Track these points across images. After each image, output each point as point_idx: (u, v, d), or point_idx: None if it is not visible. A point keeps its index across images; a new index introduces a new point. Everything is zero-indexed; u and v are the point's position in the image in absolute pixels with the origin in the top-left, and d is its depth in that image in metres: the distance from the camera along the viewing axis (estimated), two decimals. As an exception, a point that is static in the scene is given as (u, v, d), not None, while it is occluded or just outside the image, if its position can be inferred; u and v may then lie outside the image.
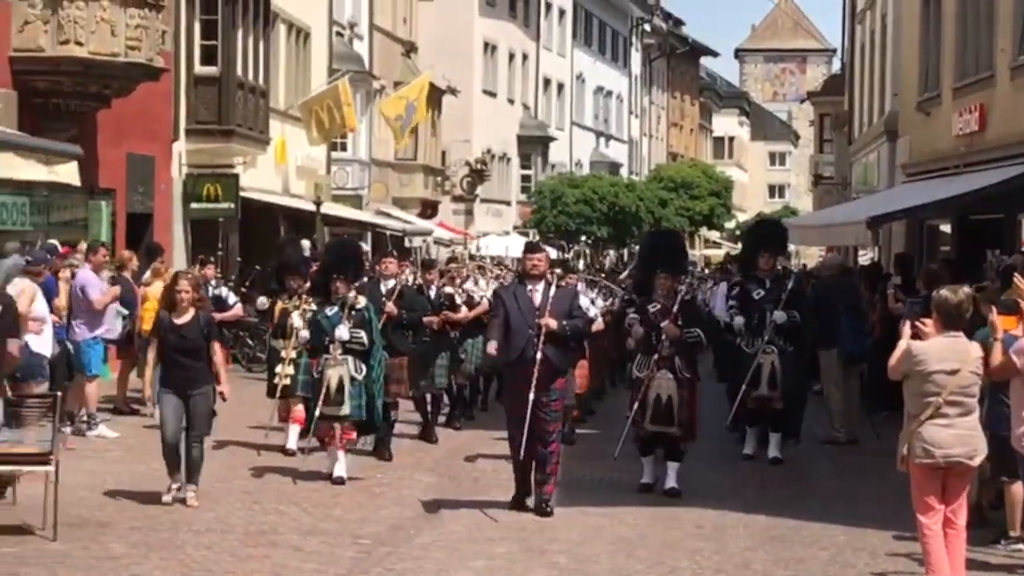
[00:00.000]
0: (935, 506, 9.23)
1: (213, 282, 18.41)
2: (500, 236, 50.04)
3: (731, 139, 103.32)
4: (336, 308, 14.12)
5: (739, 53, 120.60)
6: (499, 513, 12.60)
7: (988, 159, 21.56)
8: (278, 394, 15.95)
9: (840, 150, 43.17)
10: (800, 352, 16.25)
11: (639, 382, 13.94)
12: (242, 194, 28.63)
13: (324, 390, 13.93)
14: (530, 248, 13.47)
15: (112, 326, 17.34)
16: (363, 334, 14.08)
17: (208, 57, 28.34)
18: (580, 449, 16.32)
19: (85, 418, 16.92)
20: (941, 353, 9.20)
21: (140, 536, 11.41)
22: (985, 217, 22.16)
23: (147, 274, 19.47)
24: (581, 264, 21.30)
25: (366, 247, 21.54)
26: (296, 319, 15.37)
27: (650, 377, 13.74)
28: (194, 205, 28.02)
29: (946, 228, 25.88)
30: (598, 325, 17.72)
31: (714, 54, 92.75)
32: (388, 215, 40.00)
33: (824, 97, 50.38)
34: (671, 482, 13.70)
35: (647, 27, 74.77)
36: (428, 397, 17.74)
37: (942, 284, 19.75)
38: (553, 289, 12.78)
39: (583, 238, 26.91)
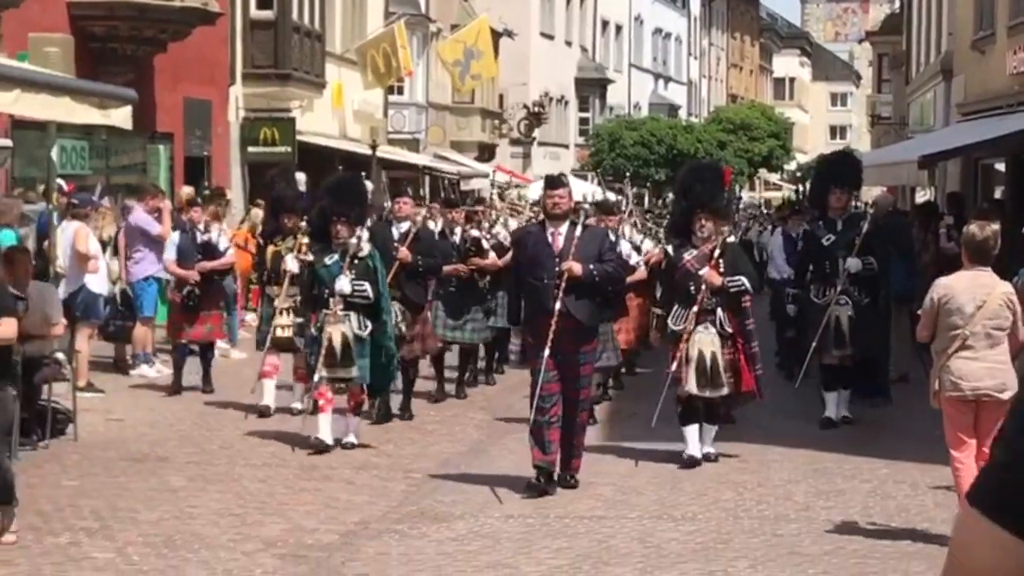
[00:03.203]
0: (967, 440, 9.33)
1: (202, 226, 16.17)
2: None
3: (792, 80, 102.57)
4: (336, 256, 12.36)
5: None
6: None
7: (1043, 97, 21.46)
8: (267, 345, 14.34)
9: (898, 90, 42.97)
10: (877, 303, 14.48)
11: (677, 336, 12.08)
12: (299, 138, 28.90)
13: (325, 350, 12.24)
14: (551, 183, 11.50)
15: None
16: (367, 286, 12.32)
17: (264, 1, 28.57)
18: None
19: (130, 359, 17.25)
20: (966, 287, 9.27)
21: (197, 470, 11.72)
22: (1039, 155, 22.09)
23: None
24: (626, 206, 19.96)
25: (370, 185, 19.01)
26: (290, 262, 13.78)
27: (689, 332, 11.95)
28: (251, 149, 28.34)
29: (1000, 167, 25.78)
30: (640, 273, 15.82)
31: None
32: (445, 158, 40.18)
33: (883, 37, 50.07)
34: (707, 447, 12.22)
35: (706, -33, 74.38)
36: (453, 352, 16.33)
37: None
38: (579, 230, 11.00)
39: (627, 182, 26.94)
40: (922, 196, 32.69)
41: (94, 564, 8.77)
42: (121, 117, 12.01)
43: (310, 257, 12.89)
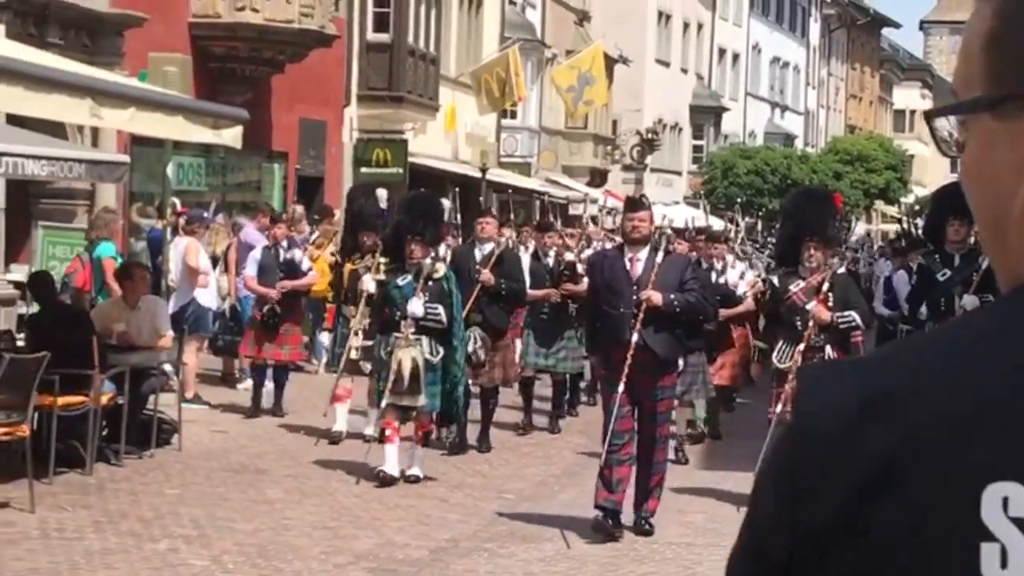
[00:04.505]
0: None
1: (285, 243, 15.74)
2: (668, 206, 50.07)
3: (912, 112, 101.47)
4: (410, 277, 11.80)
5: (924, 25, 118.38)
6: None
7: None
8: (341, 368, 13.78)
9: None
10: None
11: (782, 375, 11.19)
12: (411, 159, 29.23)
13: (394, 376, 11.66)
14: (631, 205, 10.92)
15: None
16: (440, 309, 11.72)
17: (380, 24, 28.99)
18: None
19: (237, 373, 17.56)
20: None
21: (294, 483, 11.98)
22: None
23: (317, 235, 20.08)
24: (736, 233, 19.51)
25: (448, 203, 18.92)
26: (368, 282, 13.04)
27: (795, 371, 10.58)
28: (364, 169, 28.70)
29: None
30: (747, 304, 15.08)
31: (896, 25, 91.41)
32: (556, 183, 40.36)
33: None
34: None
35: (827, -2, 74.00)
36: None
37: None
38: (661, 256, 10.37)
39: (739, 209, 27.00)
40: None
41: (191, 571, 9.03)
42: (232, 136, 12.35)
43: (383, 277, 12.48)
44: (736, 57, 62.61)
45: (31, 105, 10.11)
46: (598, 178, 45.01)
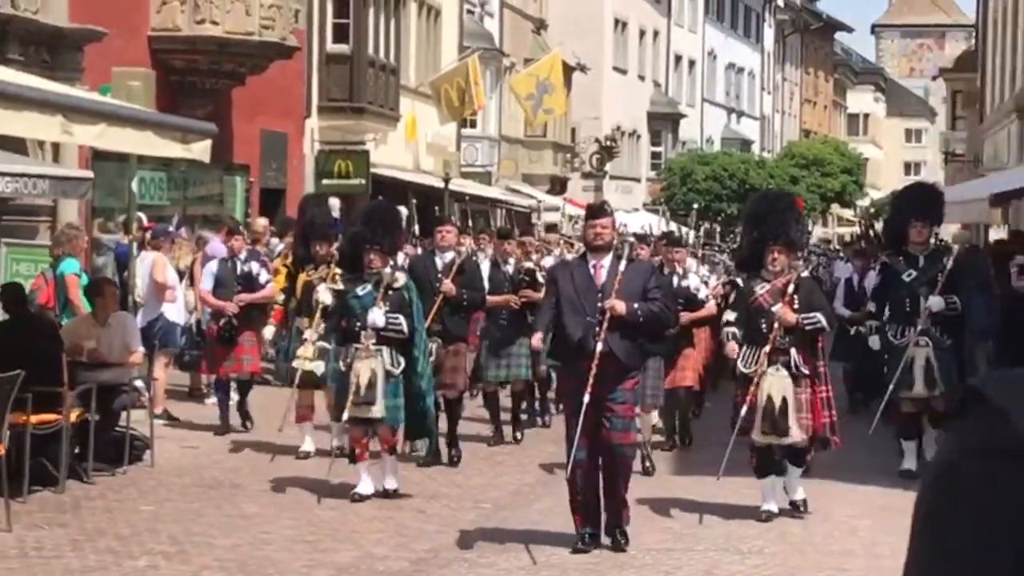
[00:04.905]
0: None
1: (243, 255, 15.42)
2: (629, 213, 50.20)
3: (866, 116, 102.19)
4: (369, 286, 11.55)
5: (876, 29, 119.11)
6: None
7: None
8: (295, 383, 13.32)
9: (972, 127, 42.80)
10: (960, 345, 13.60)
11: (746, 379, 11.26)
12: (373, 170, 29.21)
13: (354, 387, 11.44)
14: (593, 212, 10.65)
15: None
16: (401, 319, 11.50)
17: (340, 35, 28.99)
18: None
19: (205, 388, 17.46)
20: None
21: (270, 497, 11.94)
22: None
23: (282, 247, 20.02)
24: (693, 237, 19.54)
25: (406, 212, 18.58)
26: (323, 293, 12.55)
27: (760, 374, 11.14)
28: (326, 181, 28.64)
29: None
30: (709, 308, 14.73)
31: (849, 30, 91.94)
32: (517, 191, 40.41)
33: (957, 74, 49.89)
34: (793, 494, 11.52)
35: (780, 2, 74.34)
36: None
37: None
38: (624, 264, 10.14)
39: (693, 214, 27.21)
40: (996, 234, 32.52)
41: (171, 587, 8.99)
42: (201, 150, 12.31)
43: (342, 287, 12.13)
44: (692, 63, 62.87)
45: (1, 123, 10.05)
46: (558, 186, 45.10)
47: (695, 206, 35.49)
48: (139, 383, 13.53)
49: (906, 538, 1.38)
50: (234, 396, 15.54)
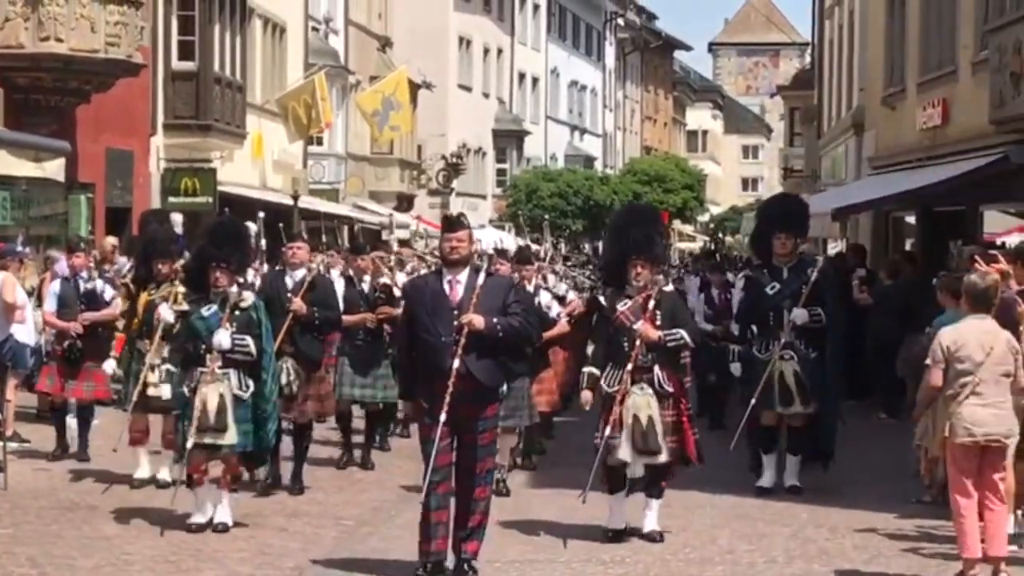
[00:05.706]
0: (971, 487, 9.51)
1: (85, 273, 14.90)
2: (476, 229, 50.34)
3: (704, 132, 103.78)
4: (215, 307, 11.14)
5: (712, 47, 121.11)
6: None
7: (951, 152, 22.07)
8: (132, 406, 13.02)
9: (809, 143, 43.78)
10: (824, 357, 13.25)
11: (610, 399, 11.03)
12: (220, 188, 29.01)
13: (199, 413, 11.01)
14: (449, 225, 10.00)
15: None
16: (249, 341, 11.10)
17: (185, 52, 28.75)
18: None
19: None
20: (975, 334, 9.55)
21: (128, 518, 11.78)
22: (948, 209, 22.68)
23: (129, 265, 19.77)
24: (545, 253, 19.61)
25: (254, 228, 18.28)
26: (165, 313, 12.37)
27: (623, 393, 10.93)
28: (172, 199, 28.38)
29: (911, 220, 26.40)
30: (561, 326, 14.39)
31: (687, 48, 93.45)
32: (364, 208, 40.36)
33: (794, 91, 50.97)
34: (650, 524, 11.20)
35: (621, 21, 75.20)
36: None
37: (904, 275, 20.20)
38: (482, 278, 9.75)
39: (547, 226, 27.61)
40: (834, 248, 33.29)
41: (33, 611, 8.88)
42: (54, 169, 12.17)
43: (186, 307, 11.66)
44: (536, 81, 63.31)
45: None
46: (405, 203, 45.12)
47: (546, 218, 35.75)
48: (-9, 405, 13.29)
49: (761, 544, 1.48)
50: (71, 423, 15.10)
